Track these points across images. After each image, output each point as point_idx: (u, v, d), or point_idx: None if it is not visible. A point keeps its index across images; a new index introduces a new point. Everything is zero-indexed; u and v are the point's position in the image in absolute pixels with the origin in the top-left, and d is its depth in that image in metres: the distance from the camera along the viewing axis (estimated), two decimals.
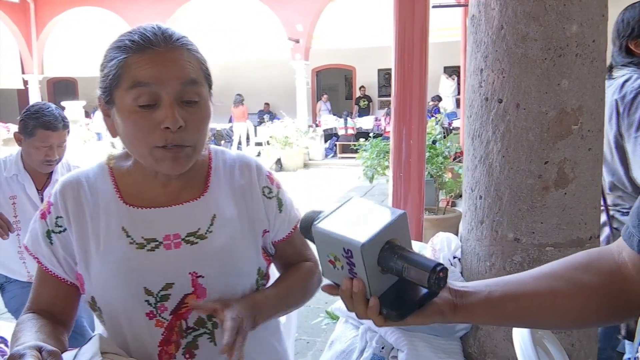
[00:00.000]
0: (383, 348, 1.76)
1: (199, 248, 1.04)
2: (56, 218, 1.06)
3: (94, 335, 0.99)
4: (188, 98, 0.97)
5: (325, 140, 14.11)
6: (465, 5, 6.68)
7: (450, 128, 10.38)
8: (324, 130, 14.14)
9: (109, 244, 1.03)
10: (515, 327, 1.64)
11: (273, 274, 1.21)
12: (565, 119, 1.57)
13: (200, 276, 1.02)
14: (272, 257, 1.18)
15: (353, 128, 13.98)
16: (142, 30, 0.97)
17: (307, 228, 0.77)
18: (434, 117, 5.91)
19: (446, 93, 13.54)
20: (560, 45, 1.55)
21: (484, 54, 1.66)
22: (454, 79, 13.24)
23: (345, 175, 10.91)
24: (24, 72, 16.06)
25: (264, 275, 1.14)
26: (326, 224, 0.75)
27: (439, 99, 13.43)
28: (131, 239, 1.03)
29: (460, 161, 5.22)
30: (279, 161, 12.45)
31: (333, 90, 17.79)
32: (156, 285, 1.01)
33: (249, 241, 1.09)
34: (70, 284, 1.08)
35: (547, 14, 1.54)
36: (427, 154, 4.58)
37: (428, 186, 4.76)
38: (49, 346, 0.82)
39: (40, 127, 2.26)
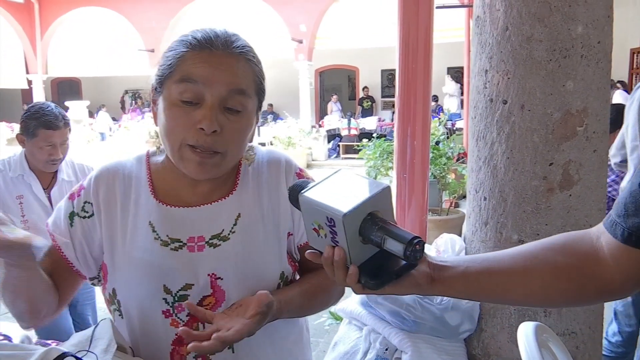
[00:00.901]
0: (387, 349, 1.75)
1: (220, 250, 1.03)
2: (84, 203, 1.06)
3: (103, 319, 1.00)
4: (231, 105, 0.97)
5: (329, 141, 14.11)
6: (469, 6, 6.68)
7: (454, 129, 10.37)
8: (327, 131, 14.14)
9: (134, 237, 1.03)
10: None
11: None
12: (570, 121, 1.57)
13: (219, 278, 1.02)
14: (298, 263, 1.14)
15: (356, 129, 13.98)
16: (208, 30, 0.99)
17: (295, 196, 0.80)
18: (437, 118, 5.89)
19: (450, 92, 13.48)
20: (565, 47, 1.54)
21: (489, 55, 1.65)
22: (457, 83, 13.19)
23: None
24: (28, 72, 16.13)
25: (289, 282, 1.11)
26: (312, 193, 0.78)
27: (435, 99, 13.37)
28: (156, 234, 1.03)
29: (463, 162, 5.21)
30: None
31: (336, 90, 17.77)
32: (175, 284, 1.01)
33: (272, 243, 1.07)
34: (75, 270, 1.07)
35: (552, 15, 1.53)
36: (431, 155, 4.57)
37: (432, 187, 4.74)
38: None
39: (42, 127, 2.28)
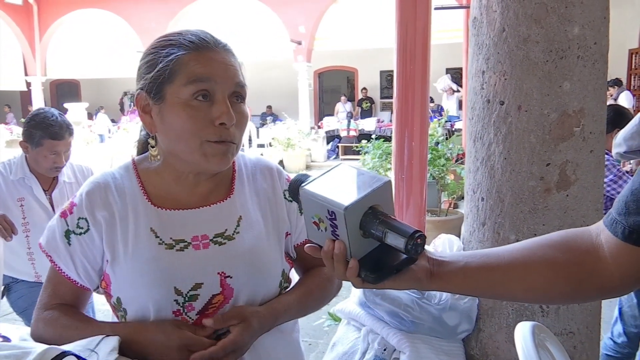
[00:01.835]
0: (385, 350, 1.76)
1: (227, 249, 1.05)
2: (78, 219, 1.06)
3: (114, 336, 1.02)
4: (236, 97, 1.02)
5: (328, 142, 14.11)
6: (467, 7, 6.68)
7: (453, 130, 10.37)
8: (326, 132, 14.15)
9: (137, 245, 1.04)
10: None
11: (293, 277, 1.22)
12: (566, 121, 1.57)
13: (228, 276, 1.04)
14: (294, 262, 1.19)
15: (355, 130, 13.98)
16: (194, 32, 1.02)
17: (295, 190, 0.80)
18: (437, 119, 5.90)
19: (441, 87, 13.41)
20: (561, 48, 1.55)
21: (486, 56, 1.66)
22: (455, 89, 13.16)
23: None
24: (26, 74, 16.11)
25: (287, 278, 1.15)
26: (313, 186, 0.78)
27: (430, 100, 13.35)
28: (160, 239, 1.04)
29: (462, 163, 5.21)
30: (281, 163, 12.43)
31: (335, 92, 17.79)
32: (186, 284, 1.02)
33: (274, 243, 1.11)
34: (80, 286, 1.08)
35: (549, 16, 1.54)
36: (430, 156, 4.58)
37: (430, 188, 4.75)
38: None
39: (47, 138, 2.29)
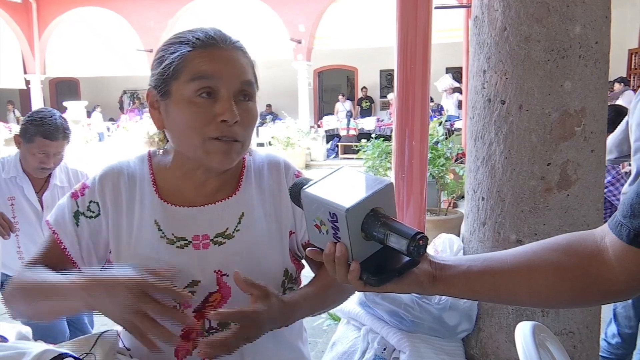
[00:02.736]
0: (385, 349, 1.75)
1: (225, 248, 1.05)
2: (89, 202, 1.07)
3: (110, 330, 1.03)
4: (243, 96, 1.02)
5: (327, 141, 14.11)
6: (468, 7, 6.67)
7: (452, 129, 10.38)
8: (325, 131, 14.14)
9: (140, 235, 1.04)
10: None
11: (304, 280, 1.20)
12: (568, 121, 1.57)
13: (225, 274, 1.04)
14: (305, 260, 1.17)
15: (355, 129, 13.98)
16: (203, 29, 1.02)
17: (297, 193, 0.79)
18: (437, 118, 5.90)
19: (442, 87, 13.41)
20: (563, 47, 1.54)
21: (487, 55, 1.66)
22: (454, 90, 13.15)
23: None
24: (26, 72, 16.09)
25: (293, 279, 1.13)
26: (314, 189, 0.78)
27: (430, 99, 13.34)
28: (162, 233, 1.04)
29: (462, 162, 5.21)
30: None
31: (335, 91, 17.77)
32: (182, 281, 1.02)
33: (275, 242, 1.10)
34: (74, 264, 1.07)
35: (550, 16, 1.53)
36: (429, 155, 4.57)
37: (430, 187, 4.75)
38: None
39: (39, 135, 2.28)
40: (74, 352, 0.93)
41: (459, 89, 12.26)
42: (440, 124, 5.73)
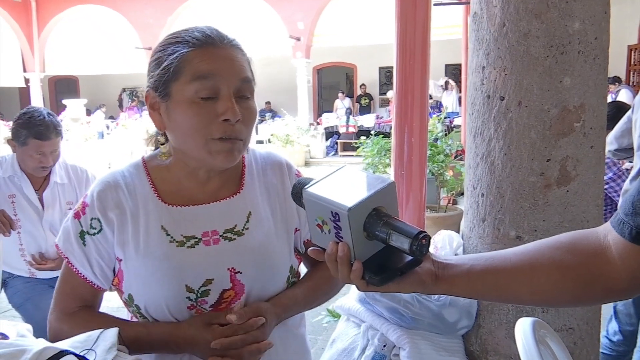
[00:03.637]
0: (385, 346, 1.75)
1: (236, 244, 1.06)
2: (91, 220, 1.06)
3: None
4: (242, 94, 1.02)
5: (327, 139, 14.10)
6: (466, 3, 6.67)
7: (452, 126, 10.38)
8: (325, 129, 14.14)
9: (148, 243, 1.04)
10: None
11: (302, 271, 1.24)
12: (567, 117, 1.57)
13: (238, 272, 1.05)
14: (302, 256, 1.20)
15: (354, 126, 13.98)
16: (199, 28, 1.02)
17: (298, 193, 0.79)
18: (436, 115, 5.90)
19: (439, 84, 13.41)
20: (562, 43, 1.54)
21: (486, 52, 1.65)
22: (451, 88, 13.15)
23: None
24: (25, 70, 16.07)
25: (295, 273, 1.17)
26: (316, 188, 0.77)
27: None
28: (171, 237, 1.04)
29: (461, 159, 5.21)
30: None
31: (334, 88, 17.76)
32: (197, 281, 1.03)
33: (282, 239, 1.12)
34: (96, 287, 1.09)
35: (549, 11, 1.53)
36: (429, 152, 4.57)
37: (429, 184, 4.76)
38: None
39: (32, 137, 2.27)
40: (75, 349, 0.93)
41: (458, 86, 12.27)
42: (440, 120, 5.73)
